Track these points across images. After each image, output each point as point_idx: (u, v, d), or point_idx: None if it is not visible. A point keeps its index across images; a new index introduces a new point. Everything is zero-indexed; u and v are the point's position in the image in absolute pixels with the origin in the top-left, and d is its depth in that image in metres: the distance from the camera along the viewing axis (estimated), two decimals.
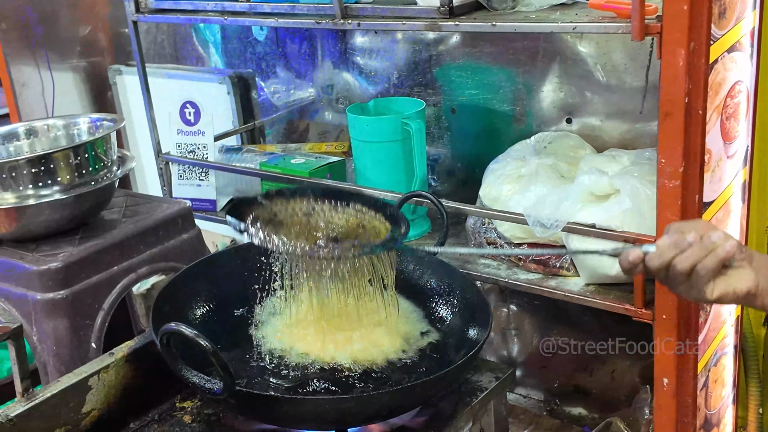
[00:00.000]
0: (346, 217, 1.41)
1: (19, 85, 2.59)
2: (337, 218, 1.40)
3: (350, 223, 1.40)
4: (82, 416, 1.34)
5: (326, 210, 1.41)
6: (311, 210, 1.41)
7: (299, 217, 1.40)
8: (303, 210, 1.41)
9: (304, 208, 1.41)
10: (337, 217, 1.41)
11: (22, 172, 1.61)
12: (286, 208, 1.41)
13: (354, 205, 1.42)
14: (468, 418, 1.43)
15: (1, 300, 1.60)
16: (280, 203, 1.41)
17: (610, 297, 1.60)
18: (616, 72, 1.82)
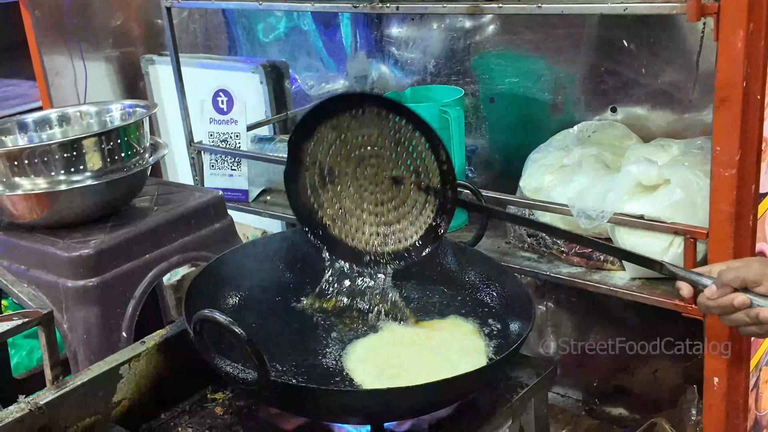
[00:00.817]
0: (376, 126, 1.33)
1: (52, 74, 2.58)
2: (369, 131, 1.33)
3: (384, 134, 1.33)
4: (112, 405, 1.30)
5: (352, 125, 1.34)
6: (341, 133, 1.34)
7: (338, 148, 1.35)
8: (333, 136, 1.35)
9: (332, 133, 1.35)
10: (368, 129, 1.33)
11: (54, 158, 1.59)
12: (320, 147, 1.36)
13: (370, 110, 1.32)
14: (507, 416, 1.38)
15: (32, 287, 1.58)
16: (310, 144, 1.35)
17: (658, 292, 1.54)
18: (664, 58, 1.75)
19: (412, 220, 1.35)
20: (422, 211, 1.34)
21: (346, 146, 1.35)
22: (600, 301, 1.98)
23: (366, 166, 1.36)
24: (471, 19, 2.03)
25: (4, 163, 1.58)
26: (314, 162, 1.37)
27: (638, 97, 1.82)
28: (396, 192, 1.35)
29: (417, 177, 1.34)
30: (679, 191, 1.48)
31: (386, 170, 1.35)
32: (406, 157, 1.33)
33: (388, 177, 1.35)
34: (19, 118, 1.87)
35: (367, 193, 1.37)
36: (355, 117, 1.33)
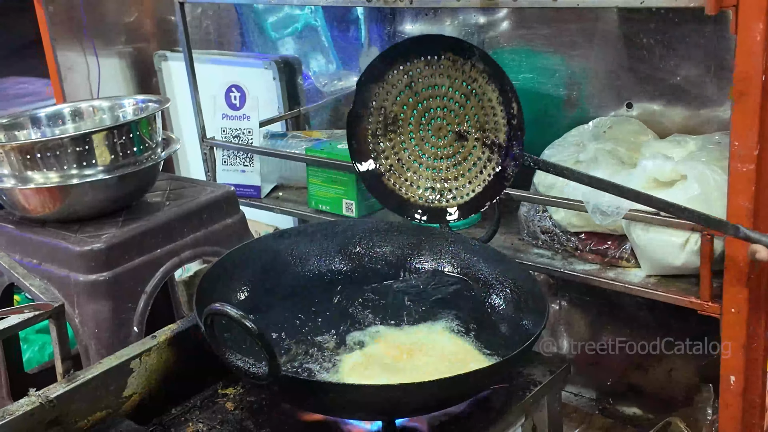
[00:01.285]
0: (448, 76, 1.31)
1: (65, 69, 2.59)
2: (441, 80, 1.32)
3: (455, 85, 1.31)
4: (123, 400, 1.30)
5: (424, 73, 1.33)
6: (411, 80, 1.33)
7: (405, 96, 1.34)
8: (403, 82, 1.33)
9: (403, 79, 1.34)
10: (440, 78, 1.32)
11: (66, 152, 1.59)
12: (387, 92, 1.34)
13: (447, 56, 1.31)
14: (520, 413, 1.37)
15: (44, 281, 1.58)
16: (379, 88, 1.34)
17: (674, 289, 1.52)
18: (680, 53, 1.73)
19: (471, 178, 1.31)
20: (482, 170, 1.30)
21: (414, 94, 1.34)
22: (614, 299, 1.97)
23: (431, 118, 1.34)
24: (484, 15, 2.02)
25: (16, 156, 1.58)
26: (380, 107, 1.35)
27: (654, 92, 1.80)
28: (458, 147, 1.32)
29: (483, 132, 1.30)
30: (696, 187, 1.46)
31: (452, 124, 1.32)
32: (474, 111, 1.31)
33: (453, 131, 1.32)
34: (32, 112, 1.88)
35: (428, 146, 1.35)
36: (429, 63, 1.32)
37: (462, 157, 1.32)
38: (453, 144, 1.33)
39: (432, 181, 1.33)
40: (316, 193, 2.05)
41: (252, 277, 1.51)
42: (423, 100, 1.34)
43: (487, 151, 1.30)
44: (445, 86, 1.32)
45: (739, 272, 1.37)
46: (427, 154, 1.35)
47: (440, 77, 1.33)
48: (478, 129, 1.31)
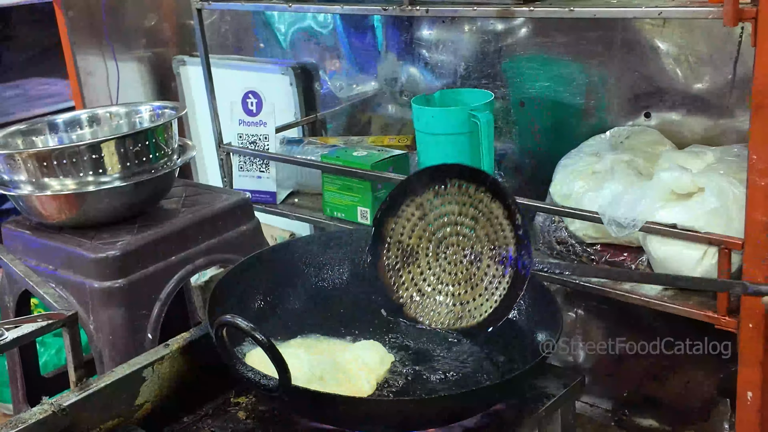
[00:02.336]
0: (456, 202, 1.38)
1: (85, 73, 2.61)
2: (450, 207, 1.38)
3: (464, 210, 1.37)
4: (135, 408, 1.30)
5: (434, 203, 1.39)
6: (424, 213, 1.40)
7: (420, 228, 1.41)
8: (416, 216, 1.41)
9: (416, 212, 1.41)
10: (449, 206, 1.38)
11: (82, 159, 1.60)
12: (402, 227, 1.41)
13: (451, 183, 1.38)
14: (533, 426, 1.35)
15: (59, 287, 1.59)
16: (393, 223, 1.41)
17: (690, 303, 1.50)
18: (700, 63, 1.71)
19: (488, 295, 1.35)
20: (498, 285, 1.34)
21: (427, 225, 1.40)
22: (631, 309, 1.94)
23: (446, 246, 1.40)
24: (502, 22, 2.01)
25: (33, 163, 1.59)
26: (397, 241, 1.41)
27: (673, 102, 1.78)
28: (474, 270, 1.37)
29: (493, 250, 1.35)
30: (714, 200, 1.44)
31: (465, 248, 1.38)
32: (484, 231, 1.36)
33: (468, 255, 1.37)
34: (50, 118, 1.89)
35: (445, 274, 1.39)
36: (438, 193, 1.39)
37: (479, 279, 1.36)
38: (469, 267, 1.37)
39: (452, 305, 1.37)
40: (331, 200, 2.05)
41: (266, 285, 1.50)
42: (437, 230, 1.40)
43: (500, 267, 1.34)
44: (455, 213, 1.38)
45: None
46: (446, 281, 1.39)
47: (449, 204, 1.39)
48: (489, 247, 1.36)
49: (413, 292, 1.41)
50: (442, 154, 1.84)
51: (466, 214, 1.37)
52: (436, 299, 1.39)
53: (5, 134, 1.79)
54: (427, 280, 1.38)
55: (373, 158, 1.95)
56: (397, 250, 1.42)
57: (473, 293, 1.36)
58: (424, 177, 1.40)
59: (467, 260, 1.37)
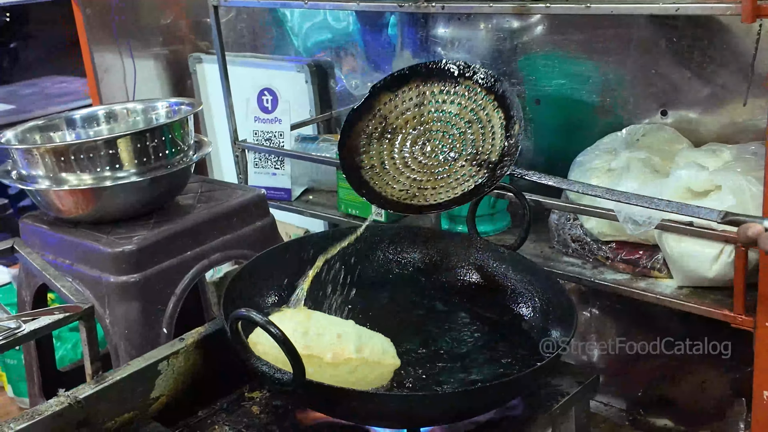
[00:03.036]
0: (459, 104, 1.35)
1: (102, 71, 2.62)
2: (450, 107, 1.35)
3: (463, 113, 1.35)
4: (150, 401, 1.31)
5: (437, 98, 1.36)
6: (422, 102, 1.37)
7: (411, 114, 1.36)
8: (413, 102, 1.36)
9: (414, 98, 1.37)
10: (450, 105, 1.36)
11: (99, 154, 1.61)
12: (395, 106, 1.37)
13: (464, 84, 1.35)
14: (547, 424, 1.35)
15: (76, 281, 1.60)
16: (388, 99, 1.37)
17: (707, 301, 1.49)
18: (717, 61, 1.70)
19: (449, 189, 1.31)
20: (465, 182, 1.30)
21: (420, 115, 1.36)
22: (646, 308, 1.93)
23: (429, 138, 1.36)
24: (518, 20, 2.00)
25: (51, 158, 1.60)
26: (384, 116, 1.37)
27: (689, 100, 1.77)
28: (446, 165, 1.33)
29: (475, 154, 1.32)
30: (731, 197, 1.43)
31: (446, 146, 1.35)
32: (473, 137, 1.33)
33: (446, 153, 1.34)
34: (67, 114, 1.90)
35: (415, 161, 1.36)
36: (444, 89, 1.36)
37: (446, 174, 1.33)
38: (442, 163, 1.35)
39: (410, 185, 1.33)
40: (345, 197, 2.05)
41: (280, 281, 1.51)
42: (427, 122, 1.37)
43: (475, 168, 1.31)
44: (453, 112, 1.36)
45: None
46: (413, 165, 1.36)
47: (451, 104, 1.36)
48: (472, 151, 1.33)
49: (375, 162, 1.38)
50: None
51: (463, 117, 1.34)
52: (395, 176, 1.36)
53: (23, 129, 1.80)
54: (395, 158, 1.34)
55: None
56: (380, 122, 1.38)
57: (435, 183, 1.32)
58: (437, 69, 1.36)
59: (443, 157, 1.34)
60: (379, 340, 1.26)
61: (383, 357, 1.24)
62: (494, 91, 1.33)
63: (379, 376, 1.24)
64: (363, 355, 1.22)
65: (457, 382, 1.29)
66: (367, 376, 1.23)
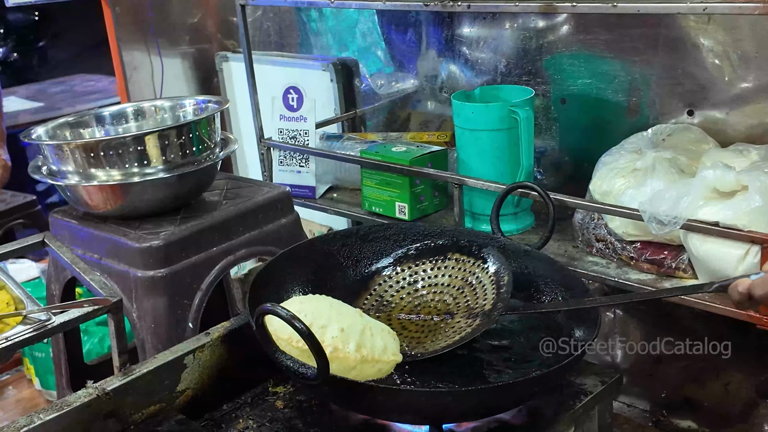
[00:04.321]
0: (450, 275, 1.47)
1: (130, 69, 2.66)
2: (442, 279, 1.47)
3: (454, 281, 1.46)
4: (176, 394, 1.33)
5: (429, 273, 1.49)
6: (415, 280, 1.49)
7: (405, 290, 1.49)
8: (407, 281, 1.50)
9: (408, 278, 1.50)
10: (442, 278, 1.48)
11: (128, 150, 1.63)
12: (390, 286, 1.50)
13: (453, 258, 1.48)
14: (570, 423, 1.35)
15: (104, 275, 1.62)
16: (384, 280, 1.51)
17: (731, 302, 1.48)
18: (745, 60, 1.69)
19: (447, 337, 1.36)
20: (461, 331, 1.36)
21: (414, 290, 1.48)
22: (671, 309, 1.92)
23: (423, 306, 1.45)
24: (544, 19, 2.00)
25: (81, 154, 1.63)
26: (380, 294, 1.49)
27: (716, 100, 1.76)
28: (442, 324, 1.41)
29: (469, 310, 1.40)
30: (758, 198, 1.42)
31: (442, 310, 1.43)
32: (466, 297, 1.42)
33: (441, 315, 1.42)
34: (97, 111, 1.93)
35: (411, 323, 1.43)
36: (436, 265, 1.49)
37: (444, 328, 1.40)
38: (437, 323, 1.41)
39: (408, 342, 1.38)
40: (369, 195, 2.06)
41: (305, 277, 1.52)
42: (420, 295, 1.47)
43: (470, 320, 1.38)
44: (445, 284, 1.47)
45: None
46: (410, 328, 1.42)
47: (442, 277, 1.48)
48: (466, 309, 1.40)
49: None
50: (481, 150, 1.84)
51: (454, 285, 1.45)
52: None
53: (54, 126, 1.83)
54: (392, 325, 1.39)
55: (411, 154, 1.96)
56: (376, 300, 1.48)
57: (433, 336, 1.38)
58: (429, 249, 1.49)
59: (438, 318, 1.42)
60: (382, 337, 1.28)
61: (383, 355, 1.26)
62: (482, 256, 1.44)
63: (377, 371, 1.26)
64: (362, 354, 1.23)
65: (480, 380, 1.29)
66: (364, 372, 1.24)
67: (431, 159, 1.97)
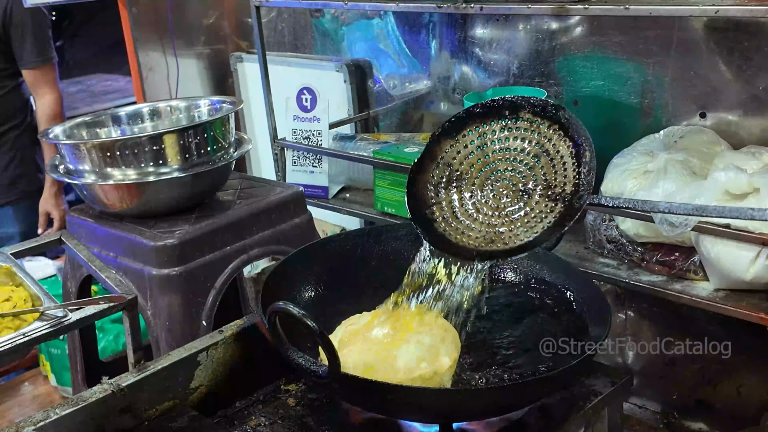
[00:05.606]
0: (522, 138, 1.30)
1: (146, 69, 2.68)
2: (514, 143, 1.30)
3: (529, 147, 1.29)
4: (190, 391, 1.35)
5: (499, 135, 1.31)
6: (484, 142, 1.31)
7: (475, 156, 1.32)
8: (476, 144, 1.32)
9: (476, 140, 1.32)
10: (514, 141, 1.30)
11: (143, 150, 1.65)
12: (458, 152, 1.33)
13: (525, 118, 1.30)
14: (580, 423, 1.36)
15: (119, 273, 1.64)
16: (449, 145, 1.33)
17: (743, 304, 1.48)
18: (758, 63, 1.68)
19: (529, 227, 1.27)
20: (543, 218, 1.26)
21: (484, 156, 1.32)
22: (683, 311, 1.92)
23: (497, 179, 1.32)
24: (557, 21, 2.01)
25: (97, 154, 1.65)
26: (447, 163, 1.33)
27: (729, 102, 1.76)
28: (520, 202, 1.29)
29: (548, 188, 1.28)
30: None
31: (518, 183, 1.30)
32: (543, 171, 1.28)
33: (517, 191, 1.29)
34: (113, 111, 1.96)
35: (487, 205, 1.32)
36: (506, 126, 1.31)
37: (521, 212, 1.29)
38: (514, 201, 1.30)
39: (486, 231, 1.29)
40: (382, 195, 2.08)
41: (317, 276, 1.53)
42: (492, 162, 1.32)
43: (551, 204, 1.26)
44: (518, 148, 1.31)
45: None
46: (487, 208, 1.32)
47: (514, 140, 1.31)
48: (545, 184, 1.28)
49: (448, 213, 1.32)
50: None
51: (530, 152, 1.29)
52: (470, 224, 1.31)
53: (71, 126, 1.86)
54: (465, 206, 1.30)
55: None
56: (445, 170, 1.34)
57: (511, 224, 1.28)
58: (496, 107, 1.31)
59: (515, 195, 1.29)
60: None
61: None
62: (557, 119, 1.28)
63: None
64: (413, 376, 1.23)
65: (492, 379, 1.30)
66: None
67: None
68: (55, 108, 2.79)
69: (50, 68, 2.79)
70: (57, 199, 2.88)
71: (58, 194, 2.89)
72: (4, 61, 2.78)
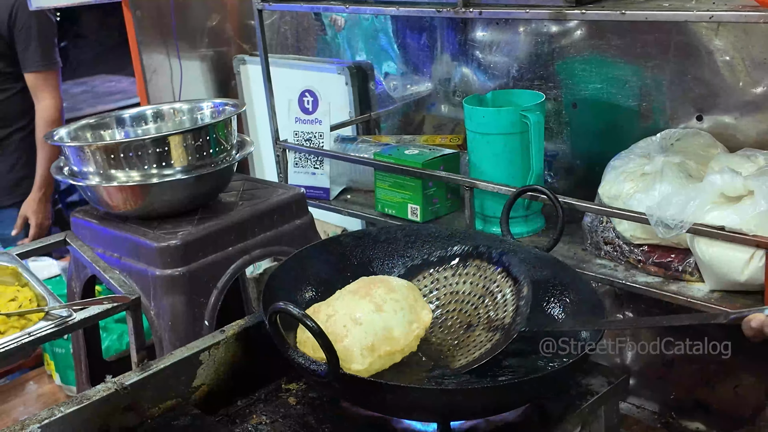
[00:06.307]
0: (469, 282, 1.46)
1: (150, 71, 2.70)
2: (462, 287, 1.46)
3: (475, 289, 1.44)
4: (192, 390, 1.37)
5: (449, 279, 1.47)
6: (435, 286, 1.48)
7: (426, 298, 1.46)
8: (428, 288, 1.48)
9: (428, 285, 1.48)
10: (461, 285, 1.46)
11: (147, 152, 1.67)
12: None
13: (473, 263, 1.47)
14: (577, 422, 1.38)
15: (123, 274, 1.66)
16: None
17: (738, 305, 1.50)
18: (755, 67, 1.70)
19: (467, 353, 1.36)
20: (481, 347, 1.36)
21: (435, 299, 1.46)
22: (681, 312, 1.94)
23: (443, 315, 1.44)
24: (556, 24, 2.02)
25: (102, 156, 1.67)
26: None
27: (726, 105, 1.77)
28: (464, 336, 1.40)
29: (490, 321, 1.39)
30: (764, 203, 1.44)
31: (462, 321, 1.42)
32: (485, 310, 1.41)
33: (462, 326, 1.41)
34: (117, 113, 1.98)
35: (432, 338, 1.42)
36: (456, 272, 1.47)
37: (464, 342, 1.39)
38: (458, 334, 1.41)
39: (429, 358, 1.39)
40: (382, 197, 2.10)
41: (318, 277, 1.55)
42: (442, 304, 1.46)
43: (491, 333, 1.37)
44: (466, 292, 1.45)
45: None
46: (431, 341, 1.41)
47: (463, 284, 1.46)
48: (486, 317, 1.40)
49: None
50: (493, 154, 1.87)
51: (475, 293, 1.44)
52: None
53: (76, 128, 1.88)
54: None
55: (424, 157, 1.99)
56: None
57: (453, 351, 1.39)
58: (448, 256, 1.48)
59: (460, 328, 1.41)
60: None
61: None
62: (501, 263, 1.43)
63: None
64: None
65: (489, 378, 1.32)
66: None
67: (443, 162, 2.00)
68: (53, 113, 2.79)
69: (53, 73, 2.80)
70: (40, 206, 2.86)
71: (44, 201, 2.86)
72: (9, 64, 2.80)
